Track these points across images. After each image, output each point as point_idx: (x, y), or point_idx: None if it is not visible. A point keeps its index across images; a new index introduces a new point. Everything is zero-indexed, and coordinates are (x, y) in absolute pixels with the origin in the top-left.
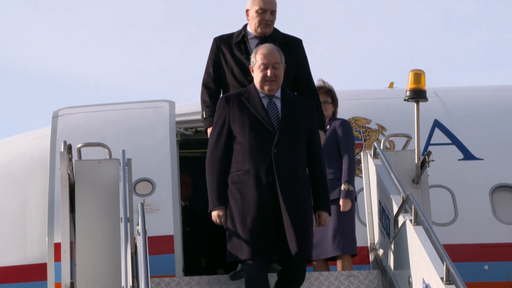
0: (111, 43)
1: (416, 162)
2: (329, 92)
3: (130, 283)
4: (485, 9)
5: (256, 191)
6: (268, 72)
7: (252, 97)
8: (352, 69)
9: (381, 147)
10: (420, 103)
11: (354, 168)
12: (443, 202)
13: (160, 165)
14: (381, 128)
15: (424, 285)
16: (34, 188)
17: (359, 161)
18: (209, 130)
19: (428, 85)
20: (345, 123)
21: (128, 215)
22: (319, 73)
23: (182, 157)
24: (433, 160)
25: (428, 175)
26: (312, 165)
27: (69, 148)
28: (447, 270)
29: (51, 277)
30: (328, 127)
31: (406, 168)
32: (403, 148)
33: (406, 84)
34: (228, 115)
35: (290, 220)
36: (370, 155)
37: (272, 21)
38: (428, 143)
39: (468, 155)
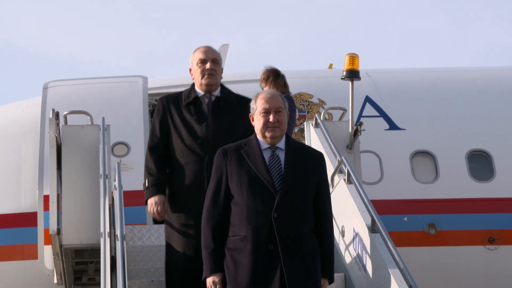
0: (90, 23)
1: (350, 131)
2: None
3: (107, 229)
4: (402, 2)
5: (252, 262)
6: (271, 117)
7: (252, 149)
8: (297, 53)
9: (321, 118)
10: (354, 82)
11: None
12: (371, 165)
13: (135, 131)
14: (322, 102)
15: (354, 233)
16: (27, 149)
17: (303, 130)
18: (150, 201)
19: (361, 67)
20: (288, 98)
21: (106, 173)
22: (267, 56)
23: None
24: (364, 130)
25: (360, 142)
26: (318, 231)
27: (56, 115)
28: (373, 221)
29: (40, 223)
30: None
31: (342, 136)
32: (340, 119)
33: (343, 65)
34: (226, 171)
35: None
36: (312, 125)
37: (216, 71)
38: (360, 115)
39: (393, 126)
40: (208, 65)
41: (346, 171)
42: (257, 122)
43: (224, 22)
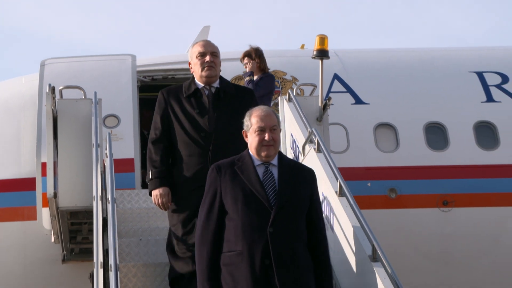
0: (82, 7)
1: (320, 105)
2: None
3: (100, 193)
4: None
5: (250, 277)
6: (266, 135)
7: (245, 166)
8: (272, 34)
9: (294, 94)
10: (324, 61)
11: None
12: (339, 136)
13: (124, 104)
14: (294, 79)
15: (323, 196)
16: (26, 120)
17: (277, 104)
18: (154, 193)
19: (330, 47)
20: (270, 76)
21: (98, 142)
22: (245, 37)
23: (141, 98)
24: (332, 104)
25: (328, 115)
26: (313, 244)
27: (53, 89)
28: (340, 186)
29: (39, 188)
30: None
31: (312, 109)
32: (310, 94)
33: (313, 45)
34: (220, 187)
35: None
36: (285, 99)
37: (215, 63)
38: (329, 91)
39: (358, 101)
40: (207, 58)
41: (316, 141)
42: (252, 140)
43: (203, 5)
